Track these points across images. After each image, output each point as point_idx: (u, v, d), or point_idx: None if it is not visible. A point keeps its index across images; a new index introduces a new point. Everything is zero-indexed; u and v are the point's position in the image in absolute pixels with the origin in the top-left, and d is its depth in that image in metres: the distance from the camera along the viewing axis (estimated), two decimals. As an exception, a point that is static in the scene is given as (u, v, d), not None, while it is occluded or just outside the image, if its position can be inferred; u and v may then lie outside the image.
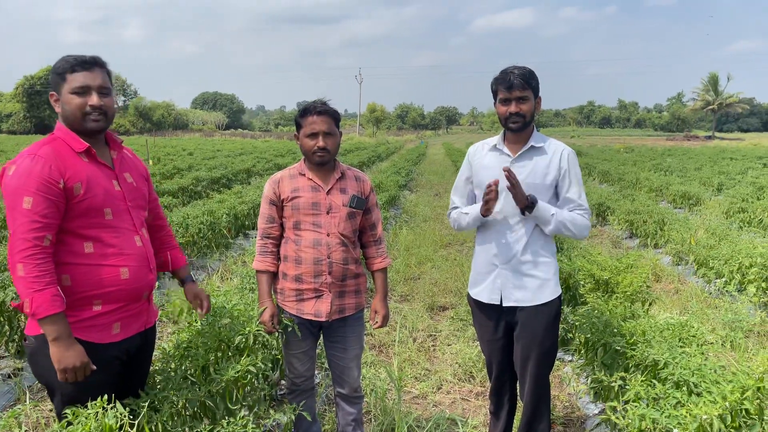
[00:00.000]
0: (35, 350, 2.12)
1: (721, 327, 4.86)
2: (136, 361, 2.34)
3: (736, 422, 2.34)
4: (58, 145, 2.11)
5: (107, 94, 2.17)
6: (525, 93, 2.66)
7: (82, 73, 2.11)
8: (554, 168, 2.75)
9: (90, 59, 2.14)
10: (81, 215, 2.09)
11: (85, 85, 2.11)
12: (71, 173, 2.07)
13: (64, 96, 2.12)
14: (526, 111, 2.67)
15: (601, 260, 4.59)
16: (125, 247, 2.19)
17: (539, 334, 2.79)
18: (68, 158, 2.09)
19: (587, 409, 3.77)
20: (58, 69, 2.13)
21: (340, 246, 2.76)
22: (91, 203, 2.10)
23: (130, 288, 2.20)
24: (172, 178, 14.35)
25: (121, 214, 2.21)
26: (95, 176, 2.14)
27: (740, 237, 7.16)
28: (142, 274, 2.24)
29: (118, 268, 2.15)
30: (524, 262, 2.78)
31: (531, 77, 2.67)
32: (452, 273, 6.77)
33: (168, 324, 5.05)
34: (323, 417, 3.58)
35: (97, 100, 2.12)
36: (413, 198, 13.41)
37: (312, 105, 2.72)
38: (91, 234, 2.12)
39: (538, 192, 2.72)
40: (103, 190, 2.15)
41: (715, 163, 19.94)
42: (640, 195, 11.25)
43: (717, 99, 74.46)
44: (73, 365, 2.02)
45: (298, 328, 2.81)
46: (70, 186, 2.05)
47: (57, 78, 2.14)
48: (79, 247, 2.10)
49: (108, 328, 2.16)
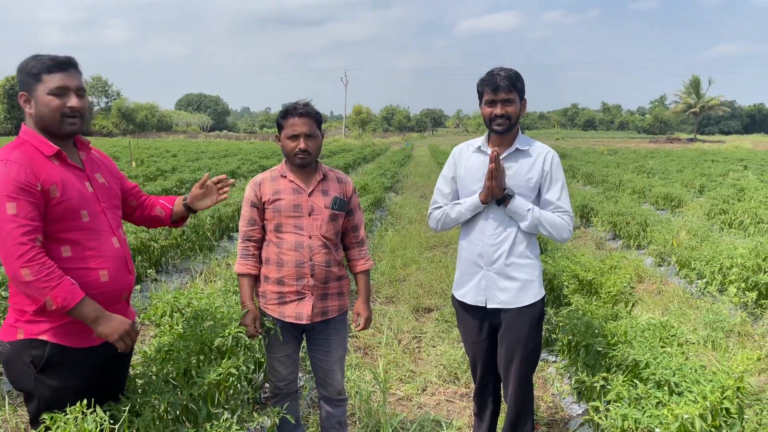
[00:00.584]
0: (10, 356, 2.08)
1: (702, 327, 4.91)
2: (115, 365, 2.31)
3: (717, 421, 2.36)
4: (27, 149, 2.05)
5: (83, 95, 2.12)
6: (511, 95, 2.66)
7: (60, 74, 2.05)
8: (537, 170, 2.76)
9: (66, 60, 2.09)
10: (58, 219, 2.05)
11: (63, 86, 2.05)
12: (45, 176, 2.02)
13: (40, 97, 2.05)
14: (512, 113, 2.68)
15: (585, 261, 4.62)
16: (103, 250, 2.15)
17: (523, 335, 2.80)
18: (40, 162, 2.04)
19: (571, 409, 3.79)
20: (32, 69, 2.05)
21: (323, 248, 2.74)
22: (68, 206, 2.06)
23: (110, 290, 2.16)
24: (155, 180, 14.24)
25: (97, 215, 2.17)
26: (68, 179, 2.10)
27: (721, 238, 7.26)
28: (121, 276, 2.21)
29: (97, 271, 2.12)
30: (508, 264, 2.78)
31: (517, 79, 2.68)
32: (437, 275, 6.77)
33: (150, 327, 5.00)
34: (307, 420, 3.57)
35: (77, 101, 2.08)
36: (399, 200, 13.42)
37: (293, 106, 2.70)
38: (69, 237, 2.08)
39: (521, 194, 2.74)
40: (77, 193, 2.11)
41: (697, 165, 20.18)
42: (624, 197, 11.35)
43: (699, 102, 75.40)
44: (125, 331, 2.08)
45: (281, 332, 2.79)
46: (46, 189, 2.01)
47: (30, 78, 2.06)
48: (57, 252, 2.05)
49: (88, 332, 2.11)
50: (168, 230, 6.78)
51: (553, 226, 2.73)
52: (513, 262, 2.78)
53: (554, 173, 2.77)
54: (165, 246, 6.61)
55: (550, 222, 2.73)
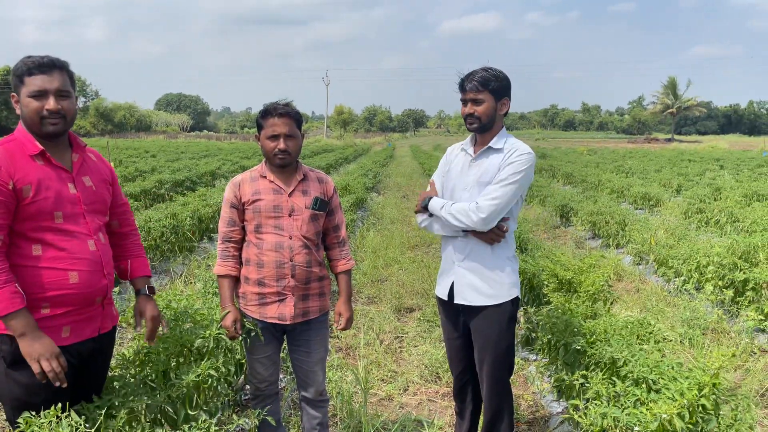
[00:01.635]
0: None
1: (679, 324, 4.98)
2: (90, 367, 2.29)
3: (694, 418, 2.39)
4: (13, 146, 2.09)
5: (67, 96, 2.14)
6: (479, 96, 2.69)
7: (39, 76, 2.09)
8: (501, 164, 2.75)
9: (48, 62, 2.11)
10: (30, 218, 2.07)
11: (42, 89, 2.09)
12: (21, 175, 2.04)
13: (22, 99, 2.11)
14: (481, 113, 2.71)
15: (565, 260, 4.66)
16: (77, 252, 2.14)
17: (492, 336, 2.81)
18: (20, 160, 2.07)
19: (551, 407, 3.82)
20: (17, 71, 2.11)
21: (303, 249, 2.73)
22: (40, 206, 2.07)
23: (80, 293, 2.15)
24: (134, 180, 14.06)
25: (75, 218, 2.17)
26: (48, 179, 2.11)
27: (698, 237, 7.37)
28: (94, 279, 2.19)
29: (66, 272, 2.11)
30: (475, 262, 2.81)
31: (491, 80, 2.69)
32: (419, 275, 6.78)
33: (129, 330, 4.94)
34: (288, 421, 3.55)
35: (54, 104, 2.10)
36: (380, 200, 13.42)
37: (273, 106, 2.69)
38: (40, 237, 2.09)
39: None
40: (54, 194, 2.11)
41: (675, 165, 20.46)
42: (603, 196, 11.47)
43: (676, 102, 76.52)
44: (43, 355, 2.01)
45: (261, 333, 2.78)
46: (19, 188, 2.03)
47: (16, 80, 2.12)
48: (27, 250, 2.07)
49: (57, 331, 2.11)
50: (147, 231, 6.70)
51: (460, 212, 2.71)
52: (484, 261, 2.80)
53: (505, 165, 2.71)
54: (144, 247, 6.53)
55: (458, 210, 2.73)
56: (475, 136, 2.87)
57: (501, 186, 2.68)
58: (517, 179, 2.68)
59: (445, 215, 2.76)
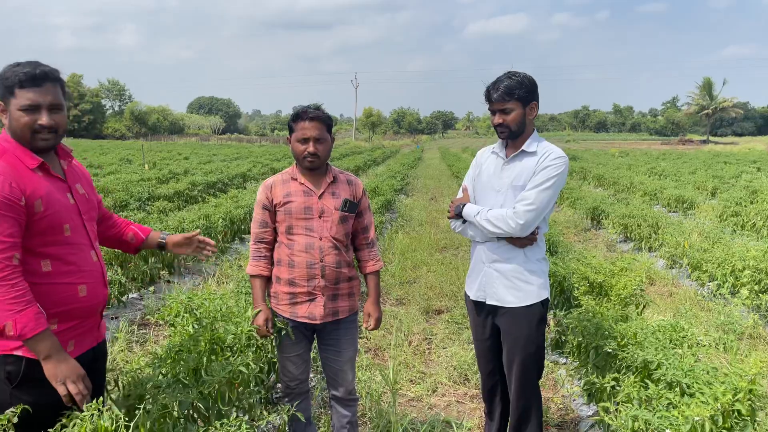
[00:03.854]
0: None
1: (714, 329, 4.89)
2: (89, 378, 2.18)
3: (728, 423, 2.35)
4: (11, 159, 1.98)
5: (59, 110, 2.05)
6: (506, 105, 2.68)
7: (31, 89, 1.97)
8: (536, 169, 2.74)
9: (41, 74, 2.00)
10: (40, 233, 1.99)
11: (35, 103, 1.98)
12: (31, 190, 1.96)
13: (12, 111, 1.99)
14: (510, 122, 2.70)
15: (596, 263, 4.61)
16: (82, 264, 2.11)
17: (521, 338, 2.81)
18: (24, 174, 1.98)
19: (581, 411, 3.79)
20: (7, 81, 1.98)
21: (333, 250, 2.77)
22: (51, 220, 2.01)
23: (87, 305, 2.13)
24: (167, 182, 14.34)
25: (78, 229, 2.12)
26: (52, 191, 2.04)
27: (733, 240, 7.21)
28: (98, 290, 2.18)
29: (76, 286, 2.07)
30: (504, 263, 2.81)
31: (517, 87, 2.66)
32: (448, 277, 6.78)
33: (164, 327, 5.06)
34: (318, 420, 3.59)
35: (47, 120, 2.00)
36: (409, 202, 13.43)
37: (304, 110, 2.73)
38: (50, 252, 2.02)
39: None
40: (61, 206, 2.05)
41: (710, 167, 20.04)
42: (635, 199, 11.30)
43: (711, 103, 74.82)
44: (72, 378, 1.96)
45: (292, 332, 2.82)
46: (30, 203, 1.95)
47: (4, 90, 2.00)
48: (37, 266, 2.00)
49: (63, 345, 2.04)
50: (181, 232, 6.83)
51: (498, 218, 2.70)
52: (510, 262, 2.80)
53: (543, 170, 2.70)
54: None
55: (495, 216, 2.72)
56: (507, 140, 2.86)
57: (537, 191, 2.67)
58: (552, 183, 2.68)
59: (481, 221, 2.76)
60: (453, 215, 2.92)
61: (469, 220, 2.84)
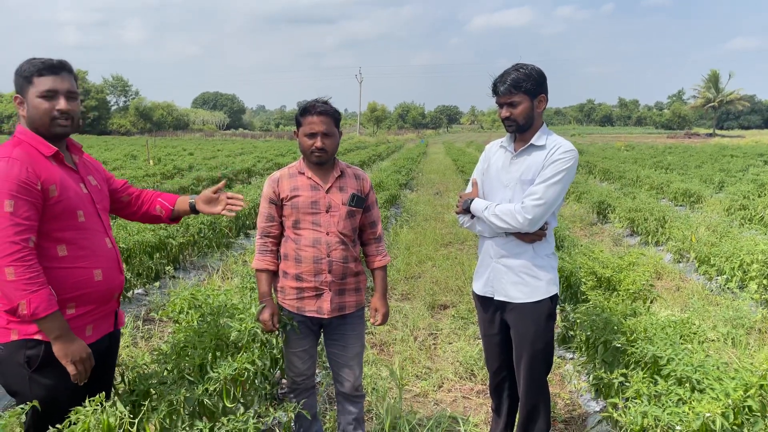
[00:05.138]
0: (4, 358, 2.07)
1: (722, 324, 4.85)
2: (104, 364, 2.31)
3: (739, 419, 2.32)
4: (26, 148, 2.08)
5: (74, 98, 2.15)
6: (513, 98, 2.64)
7: (49, 77, 2.08)
8: (544, 163, 2.70)
9: (58, 63, 2.12)
10: (55, 218, 2.07)
11: (53, 89, 2.08)
12: (46, 175, 2.05)
13: (31, 100, 2.09)
14: (517, 115, 2.66)
15: (603, 258, 4.58)
16: (97, 249, 2.19)
17: (530, 334, 2.78)
18: (39, 161, 2.07)
19: (588, 406, 3.77)
20: (25, 72, 2.09)
21: (340, 244, 2.75)
22: (66, 205, 2.09)
23: (103, 290, 2.20)
24: (172, 178, 14.36)
25: (92, 216, 2.21)
26: (66, 179, 2.13)
27: (741, 234, 7.15)
28: (113, 275, 2.25)
29: (91, 270, 2.15)
30: (511, 258, 2.78)
31: (525, 79, 2.62)
32: (453, 271, 6.76)
33: (169, 323, 5.05)
34: (324, 416, 3.58)
35: (65, 104, 2.10)
36: (414, 197, 13.40)
37: (312, 104, 2.70)
38: (65, 236, 2.10)
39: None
40: (74, 193, 2.14)
41: (716, 160, 19.91)
42: (641, 193, 11.23)
43: (718, 96, 74.41)
44: (80, 357, 2.04)
45: (299, 327, 2.80)
46: (45, 188, 2.04)
47: (23, 81, 2.10)
48: (53, 251, 2.08)
49: (81, 330, 2.14)
50: (186, 227, 6.84)
51: (506, 214, 2.67)
52: (519, 257, 2.77)
53: (548, 164, 2.65)
54: (183, 243, 6.67)
55: (503, 212, 2.68)
56: (515, 134, 2.82)
57: (546, 186, 2.63)
58: (561, 178, 2.64)
59: (489, 217, 2.72)
60: (461, 210, 2.89)
61: (477, 216, 2.81)
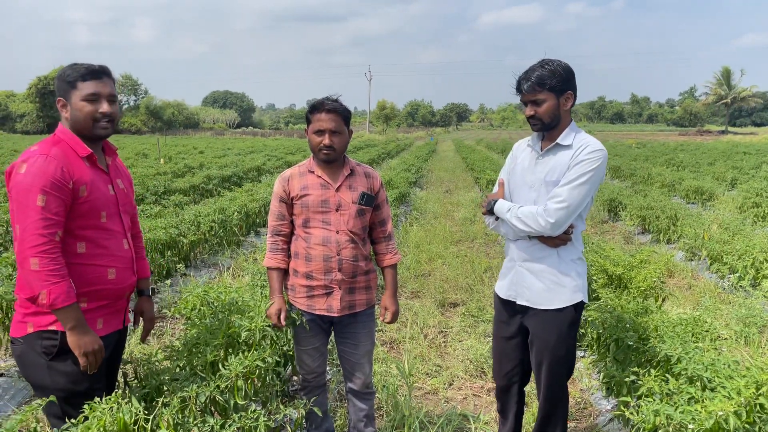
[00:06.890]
0: (23, 351, 2.18)
1: (734, 322, 4.81)
2: (111, 360, 2.41)
3: (751, 418, 2.31)
4: (64, 147, 2.19)
5: (114, 101, 2.27)
6: (538, 96, 2.55)
7: (92, 81, 2.20)
8: (570, 163, 2.60)
9: (99, 69, 2.24)
10: (81, 216, 2.18)
11: (96, 92, 2.21)
12: (78, 176, 2.16)
13: (74, 103, 2.21)
14: (542, 113, 2.57)
15: (614, 256, 4.56)
16: (115, 250, 2.29)
17: (551, 341, 2.69)
18: (74, 161, 2.18)
19: (600, 404, 3.76)
20: (69, 77, 2.21)
21: (350, 243, 2.76)
22: (92, 205, 2.20)
23: (115, 288, 2.29)
24: (183, 176, 14.43)
25: (114, 217, 2.32)
26: (96, 180, 2.24)
27: (754, 232, 7.10)
28: (126, 275, 2.34)
29: (106, 269, 2.25)
30: (535, 263, 2.69)
31: (549, 77, 2.53)
32: (463, 270, 6.75)
33: (180, 320, 5.09)
34: (335, 413, 3.59)
35: (108, 107, 2.23)
36: (423, 195, 13.39)
37: (322, 102, 2.71)
38: (87, 234, 2.20)
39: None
40: (101, 194, 2.25)
41: (729, 157, 19.75)
42: (653, 190, 11.17)
43: (730, 93, 73.73)
44: (92, 349, 2.13)
45: (309, 325, 2.81)
46: (77, 188, 2.15)
47: (66, 86, 2.21)
48: (73, 247, 2.17)
49: (93, 323, 2.23)
50: (197, 226, 6.87)
51: (528, 216, 2.58)
52: (543, 262, 2.68)
53: (574, 164, 2.56)
54: (194, 241, 6.70)
55: (525, 214, 2.60)
56: (542, 132, 2.72)
57: (570, 187, 2.52)
58: (587, 179, 2.52)
59: (511, 219, 2.64)
60: (485, 211, 2.81)
61: (501, 217, 2.73)
